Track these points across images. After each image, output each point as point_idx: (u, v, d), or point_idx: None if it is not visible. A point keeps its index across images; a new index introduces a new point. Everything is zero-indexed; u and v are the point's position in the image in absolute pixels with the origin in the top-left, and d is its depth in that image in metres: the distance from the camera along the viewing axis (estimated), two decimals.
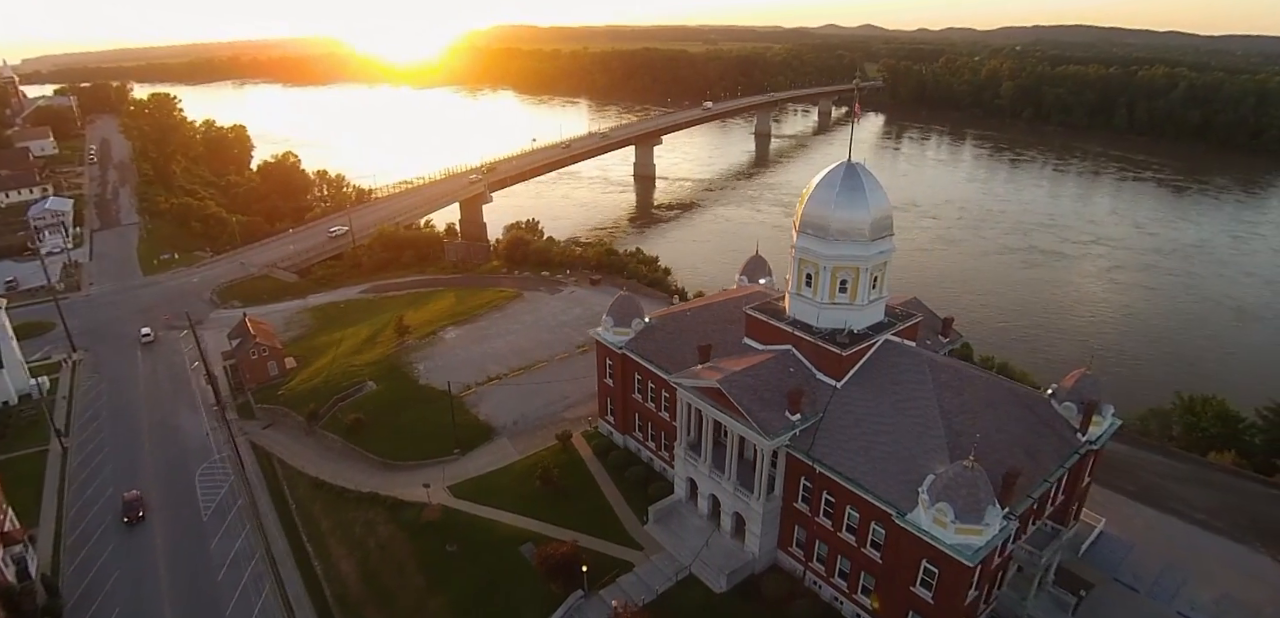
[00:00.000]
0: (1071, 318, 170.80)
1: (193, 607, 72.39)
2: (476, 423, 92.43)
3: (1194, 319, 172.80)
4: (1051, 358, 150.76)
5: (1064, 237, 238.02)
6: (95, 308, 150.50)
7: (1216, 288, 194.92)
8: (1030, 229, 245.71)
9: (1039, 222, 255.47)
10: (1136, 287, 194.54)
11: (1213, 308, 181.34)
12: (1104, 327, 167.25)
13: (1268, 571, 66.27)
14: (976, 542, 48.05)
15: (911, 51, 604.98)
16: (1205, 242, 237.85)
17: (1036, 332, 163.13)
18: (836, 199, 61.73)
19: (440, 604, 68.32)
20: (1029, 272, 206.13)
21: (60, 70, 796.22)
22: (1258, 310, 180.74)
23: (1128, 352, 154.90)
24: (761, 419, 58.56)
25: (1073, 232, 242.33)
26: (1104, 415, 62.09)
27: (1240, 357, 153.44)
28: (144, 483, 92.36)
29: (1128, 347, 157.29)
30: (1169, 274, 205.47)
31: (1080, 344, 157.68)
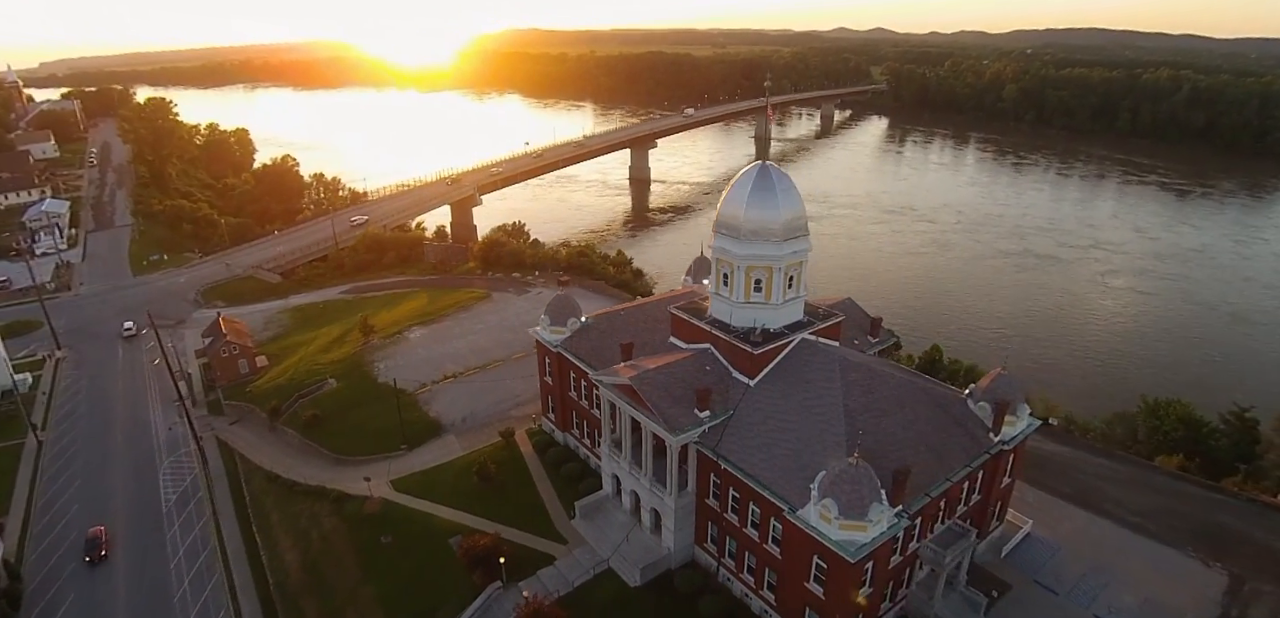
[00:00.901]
0: (1057, 323, 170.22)
1: (144, 594, 74.94)
2: (426, 420, 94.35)
3: (1184, 324, 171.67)
4: (1030, 362, 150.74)
5: (1061, 241, 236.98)
6: (83, 307, 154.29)
7: (1212, 293, 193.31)
8: (1027, 233, 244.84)
9: (1037, 226, 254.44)
10: (1129, 291, 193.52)
11: (1206, 313, 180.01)
12: (1090, 331, 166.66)
13: (1196, 574, 66.21)
14: (861, 538, 48.82)
15: (919, 55, 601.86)
16: (1206, 246, 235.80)
17: (1017, 336, 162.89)
18: (749, 200, 62.69)
19: (370, 594, 70.16)
20: (1021, 275, 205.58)
21: (76, 74, 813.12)
22: (1253, 316, 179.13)
23: (1113, 355, 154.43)
24: (668, 416, 59.68)
25: (1071, 236, 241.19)
26: (1018, 416, 62.40)
27: (1229, 362, 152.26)
28: (112, 476, 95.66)
29: (1114, 351, 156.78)
30: (1165, 279, 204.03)
31: (1063, 349, 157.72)
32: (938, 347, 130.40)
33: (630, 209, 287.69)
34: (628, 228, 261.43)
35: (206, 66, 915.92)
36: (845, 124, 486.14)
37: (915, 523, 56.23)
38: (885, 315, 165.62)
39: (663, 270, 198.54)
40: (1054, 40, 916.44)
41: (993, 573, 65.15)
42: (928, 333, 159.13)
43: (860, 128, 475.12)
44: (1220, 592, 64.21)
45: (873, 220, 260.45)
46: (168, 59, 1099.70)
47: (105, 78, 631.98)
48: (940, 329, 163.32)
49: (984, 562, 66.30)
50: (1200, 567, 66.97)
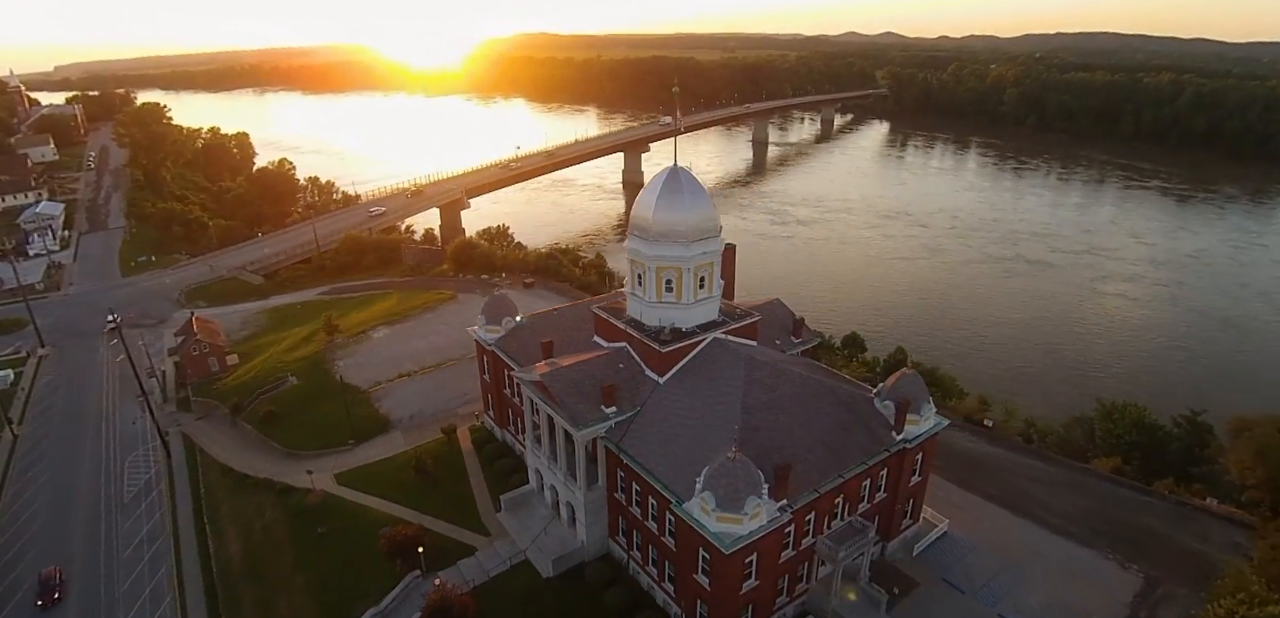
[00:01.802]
0: (1038, 327, 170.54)
1: (97, 580, 78.34)
2: (376, 416, 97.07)
3: (1170, 330, 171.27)
4: (1006, 366, 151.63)
5: (1055, 246, 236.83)
6: (71, 306, 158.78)
7: (1204, 299, 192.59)
8: (1021, 238, 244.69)
9: (1032, 231, 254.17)
10: (1117, 297, 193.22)
11: (1194, 319, 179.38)
12: (1071, 336, 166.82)
13: (1111, 576, 67.18)
14: (737, 530, 50.66)
15: (925, 59, 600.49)
16: (1202, 251, 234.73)
17: (996, 340, 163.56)
18: (657, 203, 64.80)
19: (302, 581, 72.89)
20: (1009, 280, 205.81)
21: (90, 77, 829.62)
22: (1242, 321, 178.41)
23: (1092, 360, 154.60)
24: (574, 411, 61.84)
25: (1065, 241, 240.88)
26: (923, 415, 63.91)
27: (1211, 367, 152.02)
28: (79, 468, 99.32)
29: (1093, 355, 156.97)
30: (1156, 285, 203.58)
31: (1042, 353, 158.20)
32: (902, 348, 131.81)
33: (622, 213, 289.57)
34: (617, 231, 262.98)
35: (217, 70, 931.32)
36: (846, 128, 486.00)
37: (809, 518, 57.99)
38: (866, 320, 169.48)
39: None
40: (1065, 43, 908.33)
41: (903, 571, 66.62)
42: (904, 337, 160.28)
43: (861, 132, 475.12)
44: (1132, 594, 65.13)
45: (865, 225, 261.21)
46: (180, 62, 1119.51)
47: (118, 81, 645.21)
48: (916, 333, 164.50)
49: (895, 559, 67.84)
50: (1116, 569, 67.94)
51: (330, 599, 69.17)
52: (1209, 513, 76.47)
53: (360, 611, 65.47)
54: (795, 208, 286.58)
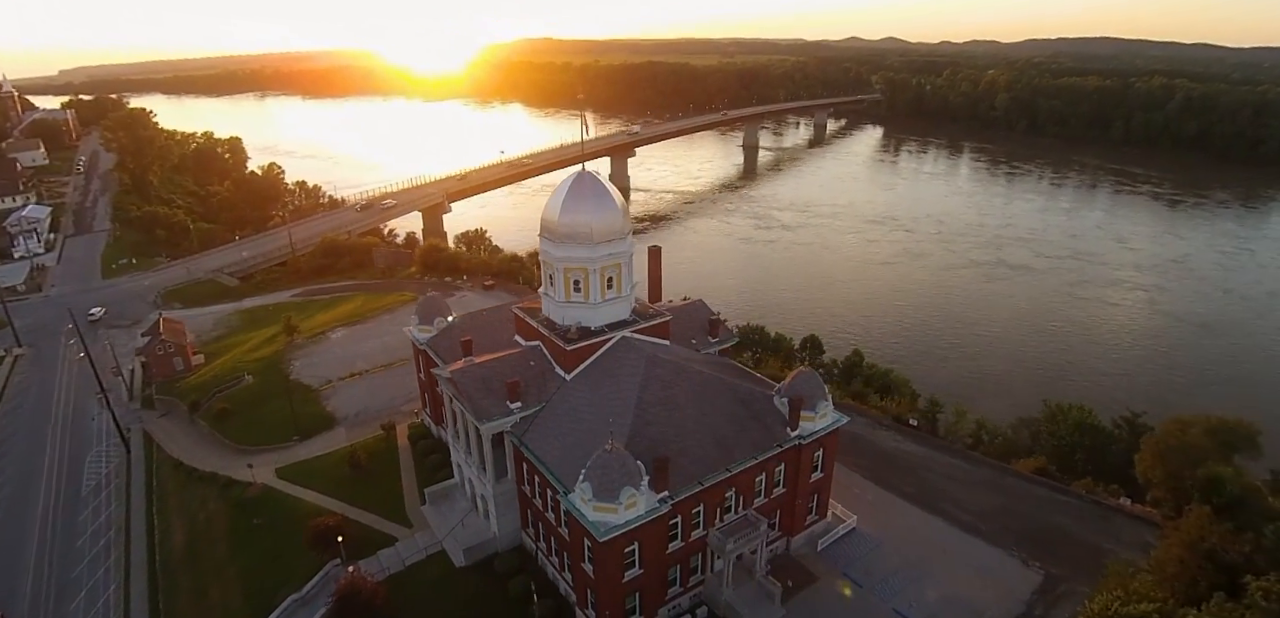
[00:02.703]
0: (1011, 331, 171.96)
1: (58, 559, 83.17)
2: (322, 414, 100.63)
3: (1145, 334, 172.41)
4: (973, 369, 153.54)
5: (1039, 251, 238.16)
6: (52, 307, 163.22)
7: (1184, 304, 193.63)
8: (1005, 244, 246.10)
9: (1017, 236, 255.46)
10: (1095, 302, 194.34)
11: (1171, 323, 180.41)
12: (1042, 340, 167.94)
13: (1012, 574, 69.09)
14: (612, 520, 53.57)
15: (923, 64, 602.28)
16: (1187, 256, 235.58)
17: (966, 343, 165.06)
18: (563, 206, 67.98)
19: (235, 569, 76.60)
20: (987, 285, 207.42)
21: (94, 81, 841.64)
22: (1221, 326, 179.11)
23: (1060, 364, 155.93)
24: (479, 406, 64.99)
25: (1049, 246, 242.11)
26: (818, 412, 66.55)
27: (1182, 370, 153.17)
28: (43, 461, 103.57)
29: (1061, 360, 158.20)
30: (1136, 290, 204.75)
31: (1009, 357, 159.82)
32: (858, 351, 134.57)
33: None
34: None
35: (219, 74, 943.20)
36: (839, 133, 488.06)
37: (697, 511, 60.81)
38: (835, 323, 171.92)
39: None
40: (1065, 48, 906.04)
41: (804, 566, 69.24)
42: (870, 340, 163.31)
43: (854, 137, 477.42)
44: (1030, 590, 67.20)
45: (849, 230, 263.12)
46: (182, 67, 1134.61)
47: (121, 85, 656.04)
48: (883, 336, 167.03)
49: (799, 555, 70.45)
50: (1019, 566, 70.12)
51: (257, 586, 72.53)
52: (1123, 512, 78.77)
53: (283, 597, 68.67)
54: (781, 212, 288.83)
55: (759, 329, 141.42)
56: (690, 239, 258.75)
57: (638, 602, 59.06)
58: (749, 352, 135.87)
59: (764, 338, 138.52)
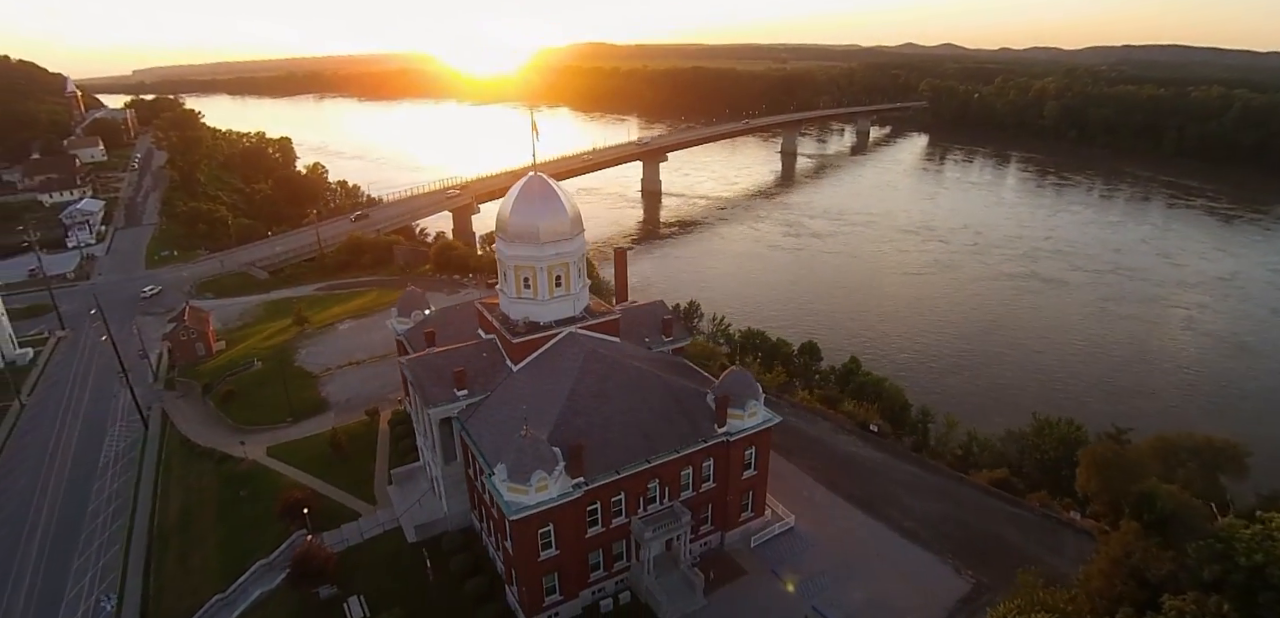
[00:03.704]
0: (1030, 345, 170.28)
1: (70, 522, 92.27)
2: (316, 399, 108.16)
3: (1173, 353, 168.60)
4: (983, 380, 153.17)
5: (1076, 265, 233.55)
6: (98, 293, 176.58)
7: (1225, 324, 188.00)
8: (1041, 256, 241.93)
9: (1056, 249, 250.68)
10: (1128, 319, 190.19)
11: (1206, 343, 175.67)
12: (1061, 355, 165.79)
13: (942, 580, 70.85)
14: (523, 500, 58.12)
15: (978, 71, 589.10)
16: (1236, 274, 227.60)
17: (982, 355, 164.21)
18: (514, 207, 72.99)
19: (217, 537, 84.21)
20: (1016, 298, 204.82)
21: (164, 81, 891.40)
22: (1262, 349, 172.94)
23: (1075, 379, 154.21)
24: (428, 393, 70.50)
25: (1089, 260, 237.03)
26: (747, 411, 69.74)
27: (1207, 391, 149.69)
28: (71, 435, 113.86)
29: (1077, 374, 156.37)
30: (1175, 308, 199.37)
31: (1024, 369, 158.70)
32: (856, 359, 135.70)
33: (637, 222, 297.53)
34: (628, 239, 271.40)
35: (281, 77, 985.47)
36: (882, 141, 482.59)
37: (618, 499, 64.88)
38: (844, 332, 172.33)
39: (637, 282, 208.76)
40: (1129, 56, 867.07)
41: (734, 560, 72.53)
42: (878, 349, 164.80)
43: (897, 145, 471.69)
44: (956, 598, 68.89)
45: (881, 239, 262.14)
46: (246, 68, 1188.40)
47: (189, 85, 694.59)
48: (891, 345, 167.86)
49: (732, 549, 73.75)
50: (950, 573, 71.84)
51: (233, 551, 79.74)
52: (1072, 527, 79.42)
53: (253, 561, 75.52)
54: (813, 220, 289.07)
55: (760, 334, 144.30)
56: (716, 245, 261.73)
57: (556, 581, 63.38)
58: (751, 356, 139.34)
59: (764, 343, 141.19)
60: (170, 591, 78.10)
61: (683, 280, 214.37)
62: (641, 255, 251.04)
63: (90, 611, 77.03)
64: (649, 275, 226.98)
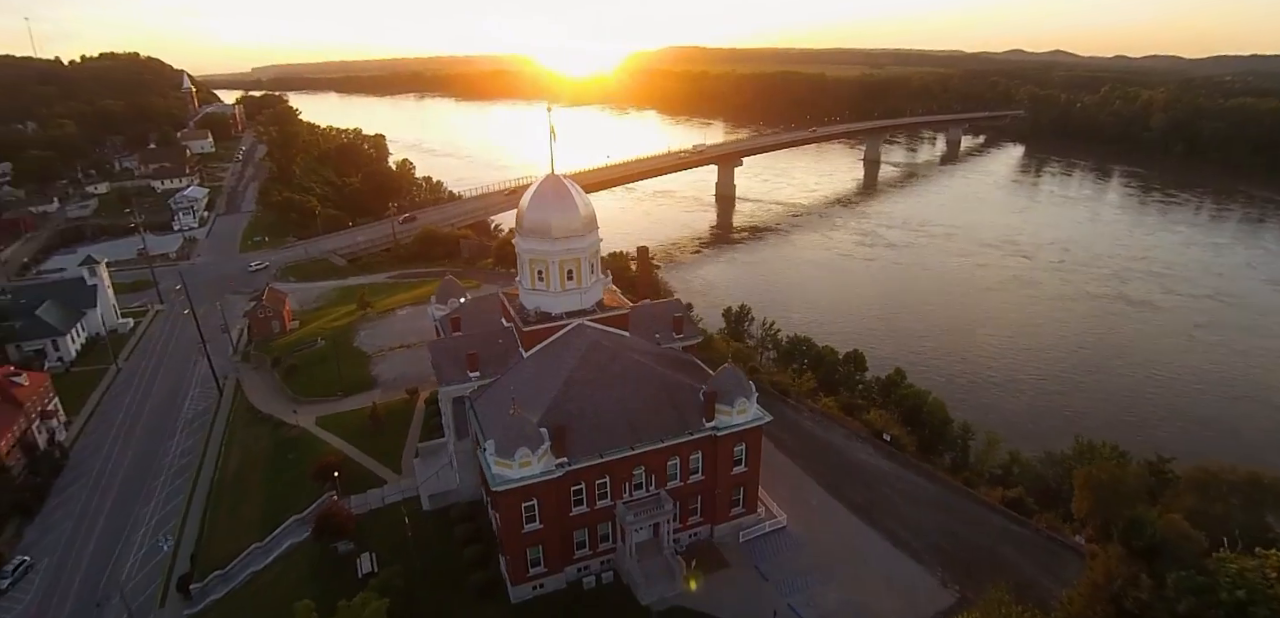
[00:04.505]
0: (1100, 369, 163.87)
1: (142, 473, 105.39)
2: (366, 377, 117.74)
3: (1264, 387, 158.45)
4: (1037, 404, 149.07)
5: (1168, 288, 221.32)
6: (194, 274, 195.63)
7: None
8: (1132, 277, 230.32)
9: (1150, 270, 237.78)
10: (1218, 347, 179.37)
11: None
12: (1136, 382, 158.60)
13: (925, 591, 71.58)
14: (507, 474, 63.58)
15: (1088, 80, 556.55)
16: None
17: (1038, 378, 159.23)
18: (531, 205, 78.89)
19: (265, 491, 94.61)
20: (1093, 320, 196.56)
21: (279, 78, 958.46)
22: None
23: (1143, 406, 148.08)
24: (442, 372, 77.32)
25: (1185, 284, 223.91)
26: (735, 408, 72.71)
27: None
28: (155, 395, 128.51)
29: (1150, 402, 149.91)
30: (1274, 337, 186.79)
31: (1091, 395, 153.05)
32: (900, 370, 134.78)
33: (709, 225, 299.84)
34: (695, 243, 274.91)
35: (385, 76, 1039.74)
36: (975, 150, 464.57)
37: (603, 482, 69.35)
38: (906, 345, 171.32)
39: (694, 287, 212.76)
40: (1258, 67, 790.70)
41: (720, 552, 75.68)
42: (931, 362, 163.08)
43: (991, 155, 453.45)
44: (935, 610, 69.55)
45: (959, 252, 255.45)
46: (353, 67, 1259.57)
47: (301, 82, 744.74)
48: (945, 359, 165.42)
49: (720, 542, 76.89)
50: (936, 586, 72.44)
51: (275, 506, 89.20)
52: (1075, 550, 78.16)
53: (288, 516, 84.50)
54: (889, 230, 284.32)
55: (806, 340, 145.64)
56: (784, 252, 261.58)
57: (541, 555, 68.50)
58: (794, 363, 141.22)
59: (810, 349, 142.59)
60: (218, 537, 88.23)
61: (743, 284, 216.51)
62: (709, 260, 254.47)
63: (150, 549, 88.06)
64: (712, 279, 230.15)
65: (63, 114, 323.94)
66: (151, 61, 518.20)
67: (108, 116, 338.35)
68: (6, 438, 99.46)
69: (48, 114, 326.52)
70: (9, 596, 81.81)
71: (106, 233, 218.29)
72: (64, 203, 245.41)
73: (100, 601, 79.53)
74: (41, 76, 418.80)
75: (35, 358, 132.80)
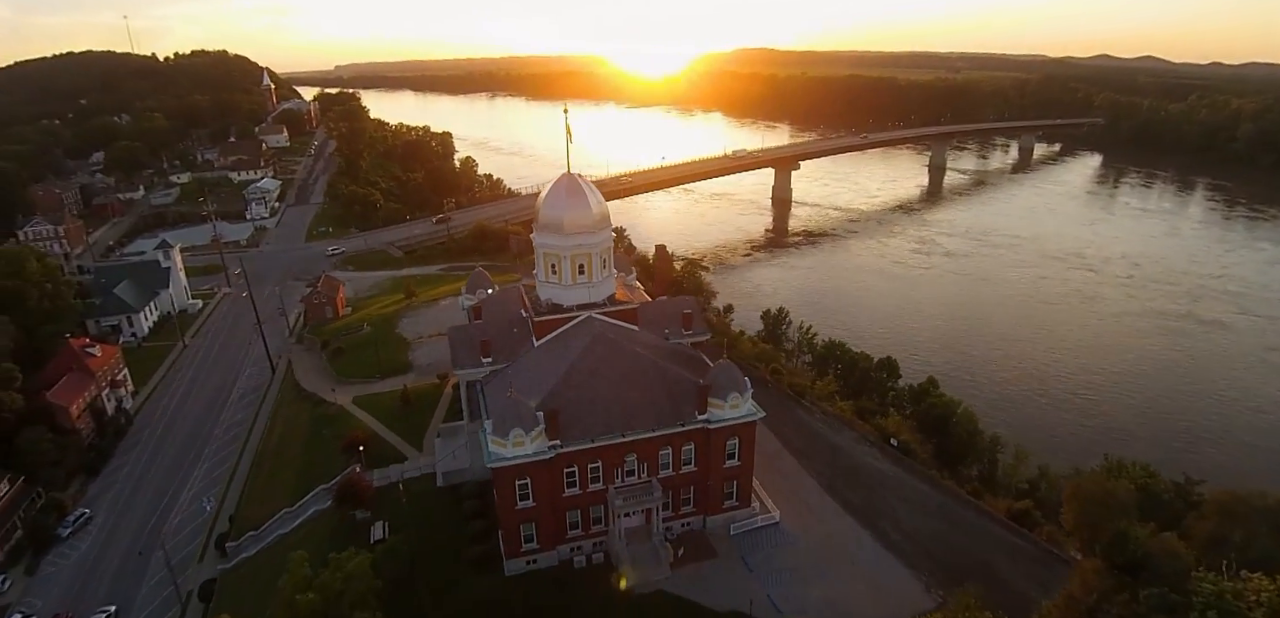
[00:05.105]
0: (1155, 390, 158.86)
1: (195, 440, 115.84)
2: (403, 361, 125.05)
3: None
4: (1082, 421, 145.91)
5: (1247, 307, 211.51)
6: (263, 259, 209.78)
7: None
8: (1205, 296, 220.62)
9: (1226, 289, 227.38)
10: None
11: None
12: (1194, 405, 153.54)
13: (908, 593, 72.75)
14: (502, 452, 68.25)
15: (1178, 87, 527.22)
16: None
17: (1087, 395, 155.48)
18: (546, 202, 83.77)
19: (301, 462, 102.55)
20: (1156, 339, 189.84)
21: (360, 76, 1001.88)
22: None
23: (1197, 429, 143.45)
24: (457, 356, 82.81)
25: (1264, 303, 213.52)
26: (727, 403, 75.33)
27: None
28: (215, 370, 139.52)
29: (1203, 424, 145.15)
30: None
31: (1142, 416, 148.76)
32: (933, 379, 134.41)
33: (762, 229, 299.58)
34: (748, 245, 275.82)
35: (459, 75, 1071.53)
36: (1049, 158, 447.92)
37: (595, 467, 73.22)
38: (948, 355, 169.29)
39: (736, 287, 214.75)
40: None
41: (710, 542, 78.65)
42: (971, 372, 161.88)
43: (1065, 165, 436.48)
44: (913, 612, 70.63)
45: (1020, 264, 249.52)
46: (429, 67, 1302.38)
47: (380, 81, 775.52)
48: (996, 374, 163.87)
49: (712, 532, 79.81)
50: (920, 590, 73.44)
51: (307, 475, 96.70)
52: (1071, 563, 77.54)
53: (317, 485, 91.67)
54: (949, 239, 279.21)
55: (841, 345, 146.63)
56: (836, 257, 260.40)
57: (534, 532, 72.93)
58: (831, 368, 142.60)
59: (844, 354, 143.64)
60: (255, 501, 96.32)
61: (790, 289, 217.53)
62: (759, 263, 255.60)
63: (195, 509, 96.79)
64: (759, 282, 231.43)
65: (154, 107, 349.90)
66: (238, 59, 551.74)
67: (194, 111, 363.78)
68: (78, 403, 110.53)
69: (141, 107, 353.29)
70: (68, 542, 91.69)
71: (185, 220, 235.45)
72: (149, 191, 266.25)
73: (143, 551, 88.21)
74: (137, 72, 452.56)
75: (112, 332, 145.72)
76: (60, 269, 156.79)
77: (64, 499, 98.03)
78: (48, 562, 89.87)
